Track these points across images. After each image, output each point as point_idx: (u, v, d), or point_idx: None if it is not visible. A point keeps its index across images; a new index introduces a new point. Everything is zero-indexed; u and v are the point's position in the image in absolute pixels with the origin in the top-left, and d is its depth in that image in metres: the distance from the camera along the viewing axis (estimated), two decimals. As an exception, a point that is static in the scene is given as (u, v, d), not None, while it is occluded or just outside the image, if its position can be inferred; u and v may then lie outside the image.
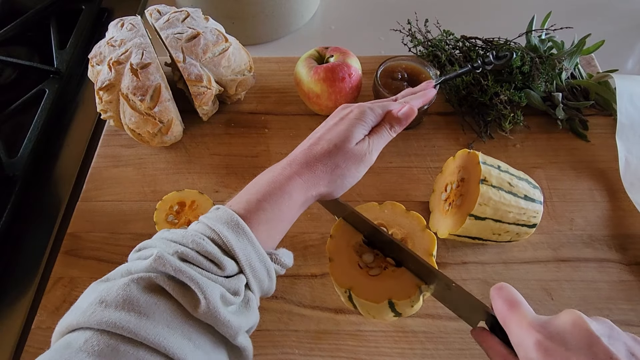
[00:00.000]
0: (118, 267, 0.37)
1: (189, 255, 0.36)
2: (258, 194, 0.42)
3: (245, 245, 0.38)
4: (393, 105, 0.50)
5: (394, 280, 0.45)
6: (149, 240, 0.39)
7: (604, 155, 0.66)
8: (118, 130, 0.68)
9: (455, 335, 0.52)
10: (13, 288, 0.57)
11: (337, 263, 0.47)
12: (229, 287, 0.37)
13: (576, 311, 0.34)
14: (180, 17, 0.64)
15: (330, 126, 0.48)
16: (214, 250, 0.37)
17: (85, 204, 0.62)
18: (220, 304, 0.35)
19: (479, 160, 0.52)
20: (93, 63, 0.63)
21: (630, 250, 0.58)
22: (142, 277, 0.35)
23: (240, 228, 0.38)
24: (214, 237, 0.38)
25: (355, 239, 0.49)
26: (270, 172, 0.44)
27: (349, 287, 0.45)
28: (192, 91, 0.62)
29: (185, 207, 0.59)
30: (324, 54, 0.67)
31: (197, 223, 0.40)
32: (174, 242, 0.37)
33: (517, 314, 0.35)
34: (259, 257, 0.39)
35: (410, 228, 0.49)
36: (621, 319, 0.53)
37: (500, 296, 0.37)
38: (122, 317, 0.32)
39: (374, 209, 0.51)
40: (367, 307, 0.45)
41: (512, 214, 0.51)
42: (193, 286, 0.34)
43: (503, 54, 0.58)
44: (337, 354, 0.51)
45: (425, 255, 0.47)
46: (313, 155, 0.45)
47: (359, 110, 0.48)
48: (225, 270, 0.37)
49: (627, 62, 0.82)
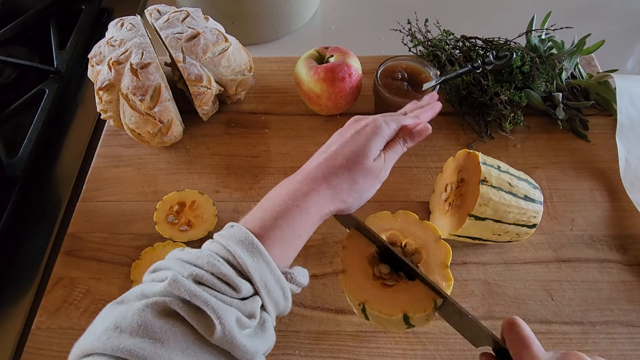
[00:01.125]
0: (132, 288, 0.37)
1: (203, 277, 0.36)
2: (273, 211, 0.41)
3: (261, 265, 0.38)
4: (406, 119, 0.50)
5: (409, 294, 0.45)
6: (163, 261, 0.39)
7: (604, 155, 0.66)
8: (118, 130, 0.68)
9: (456, 336, 0.51)
10: (13, 288, 0.57)
11: (351, 275, 0.46)
12: (244, 310, 0.36)
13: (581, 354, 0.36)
14: (180, 17, 0.64)
15: (346, 140, 0.46)
16: (229, 272, 0.36)
17: (85, 204, 0.62)
18: (236, 328, 0.35)
19: (479, 160, 0.52)
20: (93, 63, 0.63)
21: (631, 251, 0.58)
22: (157, 302, 0.34)
23: (255, 247, 0.38)
24: (229, 258, 0.37)
25: (369, 249, 0.48)
26: (285, 188, 0.43)
27: (363, 300, 0.44)
28: (192, 91, 0.62)
29: (185, 207, 0.59)
30: (324, 54, 0.67)
31: (212, 242, 0.40)
32: (188, 263, 0.37)
33: (529, 354, 0.37)
34: (275, 278, 0.38)
35: (425, 238, 0.48)
36: (622, 320, 0.53)
37: (513, 333, 0.38)
38: (137, 343, 0.32)
39: (387, 218, 0.50)
40: (381, 321, 0.45)
41: (512, 214, 0.51)
42: (208, 311, 0.34)
43: (503, 54, 0.58)
44: (338, 355, 0.51)
45: (441, 267, 0.46)
46: (330, 170, 0.44)
47: (375, 124, 0.47)
48: (240, 293, 0.36)
49: (627, 62, 0.82)
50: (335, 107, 0.67)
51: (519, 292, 0.55)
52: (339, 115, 0.70)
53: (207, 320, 0.34)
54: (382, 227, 0.49)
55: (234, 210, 0.62)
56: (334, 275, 0.56)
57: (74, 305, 0.54)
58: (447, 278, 0.45)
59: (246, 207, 0.62)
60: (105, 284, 0.56)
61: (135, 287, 0.37)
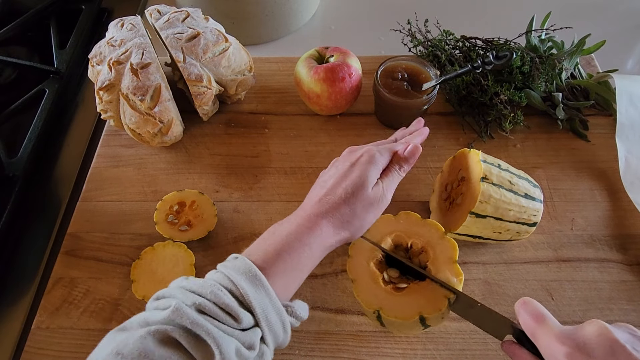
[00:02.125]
0: (135, 316, 0.38)
1: (206, 307, 0.37)
2: (276, 245, 0.43)
3: (262, 297, 0.39)
4: (398, 146, 0.51)
5: (421, 295, 0.45)
6: (167, 289, 0.40)
7: (604, 155, 0.66)
8: (118, 130, 0.68)
9: (456, 336, 0.52)
10: (13, 288, 0.57)
11: (361, 283, 0.46)
12: (244, 340, 0.37)
13: (600, 321, 0.35)
14: (180, 17, 0.64)
15: (342, 173, 0.48)
16: (232, 303, 0.37)
17: (85, 204, 0.62)
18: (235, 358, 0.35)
19: (480, 158, 0.52)
20: (93, 63, 0.63)
21: (631, 251, 0.58)
22: (159, 330, 0.35)
23: (258, 280, 0.39)
24: (232, 289, 0.38)
25: (375, 255, 0.48)
26: (287, 224, 0.45)
27: (378, 307, 0.44)
28: (192, 91, 0.62)
29: (185, 207, 0.59)
30: (324, 54, 0.67)
31: (216, 272, 0.41)
32: (192, 292, 0.38)
33: (544, 328, 0.37)
34: (276, 310, 0.39)
35: (429, 236, 0.48)
36: (622, 320, 0.53)
37: (526, 311, 0.39)
38: None
39: (389, 220, 0.50)
40: (398, 325, 0.45)
41: (512, 212, 0.51)
42: (209, 340, 0.35)
43: (503, 54, 0.58)
44: (338, 355, 0.51)
45: (449, 262, 0.46)
46: (330, 205, 0.46)
47: (369, 154, 0.49)
48: (241, 324, 0.37)
49: (627, 62, 0.82)
50: (335, 107, 0.67)
51: (519, 292, 0.54)
52: (339, 115, 0.71)
53: (207, 349, 0.35)
54: (386, 230, 0.49)
55: (234, 210, 0.62)
56: (334, 275, 0.56)
57: (74, 305, 0.54)
58: (457, 273, 0.45)
59: (246, 207, 0.62)
60: (105, 284, 0.56)
61: (138, 314, 0.38)
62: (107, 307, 0.54)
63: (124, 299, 0.55)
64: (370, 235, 0.49)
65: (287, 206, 0.62)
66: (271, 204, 0.62)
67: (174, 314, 0.35)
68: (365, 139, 0.68)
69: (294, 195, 0.63)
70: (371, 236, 0.49)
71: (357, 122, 0.70)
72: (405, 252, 0.50)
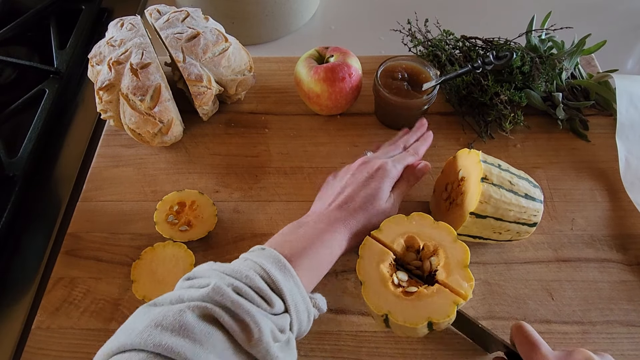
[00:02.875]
0: (166, 293, 0.38)
1: (242, 289, 0.38)
2: (300, 242, 0.45)
3: (292, 286, 0.40)
4: (409, 158, 0.56)
5: (430, 299, 0.44)
6: (200, 269, 0.41)
7: (604, 155, 0.65)
8: (118, 130, 0.68)
9: (457, 336, 0.52)
10: (13, 288, 0.57)
11: (370, 286, 0.46)
12: (277, 323, 0.38)
13: (586, 351, 0.40)
14: (180, 17, 0.64)
15: (361, 184, 0.51)
16: (265, 287, 0.39)
17: (85, 204, 0.62)
18: (271, 339, 0.36)
19: (480, 158, 0.52)
20: (93, 63, 0.63)
21: (632, 251, 0.57)
22: (198, 306, 0.36)
23: (287, 269, 0.41)
24: (263, 275, 0.40)
25: (385, 256, 0.47)
26: (310, 225, 0.47)
27: (386, 312, 0.44)
28: (192, 91, 0.62)
29: (185, 207, 0.59)
30: (324, 54, 0.67)
31: (245, 260, 0.42)
32: (227, 275, 0.39)
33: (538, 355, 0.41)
34: (303, 299, 0.41)
35: (441, 239, 0.48)
36: (623, 320, 0.53)
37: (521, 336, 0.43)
38: (178, 342, 0.33)
39: (402, 221, 0.50)
40: (404, 330, 0.44)
41: (512, 212, 0.51)
42: (249, 319, 0.36)
43: (503, 54, 0.58)
44: (338, 355, 0.51)
45: (460, 267, 0.46)
46: (349, 212, 0.49)
47: (385, 168, 0.53)
48: (273, 308, 0.38)
49: (627, 62, 0.82)
50: (335, 107, 0.67)
51: (519, 292, 0.54)
52: (339, 115, 0.70)
53: (246, 327, 0.36)
54: (399, 230, 0.49)
55: (234, 210, 0.62)
56: (334, 276, 0.56)
57: (74, 305, 0.54)
58: (468, 278, 0.45)
59: (246, 207, 0.62)
60: (105, 284, 0.56)
61: (168, 292, 0.39)
62: (107, 307, 0.54)
63: (124, 299, 0.54)
64: (382, 235, 0.49)
65: (287, 206, 0.62)
66: (271, 204, 0.62)
67: (214, 292, 0.36)
68: (365, 139, 0.68)
69: (294, 195, 0.63)
70: (384, 236, 0.49)
71: (357, 122, 0.70)
72: (416, 253, 0.49)
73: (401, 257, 0.49)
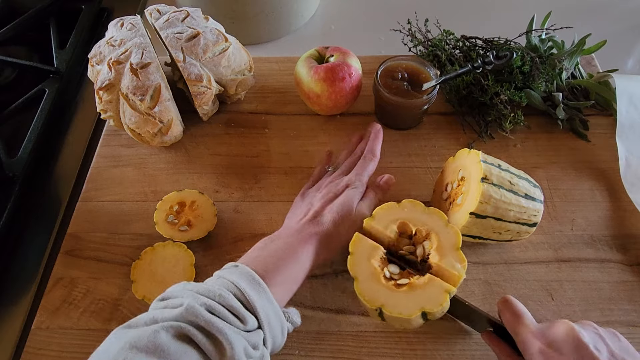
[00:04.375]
0: (140, 315, 0.39)
1: (215, 308, 0.38)
2: (272, 257, 0.46)
3: (265, 302, 0.41)
4: (370, 165, 0.58)
5: (423, 290, 0.45)
6: (173, 289, 0.42)
7: (604, 155, 0.65)
8: (118, 130, 0.68)
9: (456, 336, 0.52)
10: (13, 288, 0.57)
11: (363, 281, 0.47)
12: (249, 340, 0.39)
13: (568, 322, 0.41)
14: (180, 16, 0.64)
15: (328, 198, 0.54)
16: (237, 305, 0.39)
17: (85, 204, 0.62)
18: (243, 355, 0.37)
19: (480, 158, 0.52)
20: (93, 63, 0.63)
21: (632, 251, 0.57)
22: (172, 326, 0.36)
23: (261, 286, 0.42)
24: (236, 293, 0.40)
25: (375, 251, 0.48)
26: (281, 239, 0.49)
27: (380, 305, 0.45)
28: (192, 91, 0.62)
29: (185, 207, 0.59)
30: (324, 53, 0.67)
31: (218, 278, 0.43)
32: (200, 294, 0.39)
33: (522, 325, 0.43)
34: (276, 315, 0.42)
35: (433, 224, 0.49)
36: (623, 320, 0.53)
37: (507, 309, 0.45)
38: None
39: (394, 208, 0.51)
40: (400, 321, 0.45)
41: (512, 212, 0.51)
42: (221, 338, 0.36)
43: (503, 54, 0.58)
44: (338, 355, 0.51)
45: (453, 249, 0.47)
46: (320, 225, 0.51)
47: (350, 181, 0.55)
48: (246, 325, 0.39)
49: (627, 62, 0.82)
50: (335, 107, 0.67)
51: (520, 292, 0.54)
52: (339, 115, 0.70)
53: (220, 346, 0.36)
54: (391, 217, 0.50)
55: (234, 210, 0.62)
56: (333, 276, 0.56)
57: (74, 305, 0.54)
58: (461, 259, 0.46)
59: (246, 207, 0.62)
60: (105, 284, 0.56)
61: (143, 314, 0.39)
62: (107, 307, 0.54)
63: (124, 299, 0.54)
64: (375, 223, 0.50)
65: (287, 206, 0.61)
66: (271, 204, 0.62)
67: (187, 312, 0.37)
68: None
69: (294, 195, 0.62)
70: (376, 223, 0.50)
71: (357, 122, 0.70)
72: (409, 239, 0.50)
73: (394, 244, 0.50)
